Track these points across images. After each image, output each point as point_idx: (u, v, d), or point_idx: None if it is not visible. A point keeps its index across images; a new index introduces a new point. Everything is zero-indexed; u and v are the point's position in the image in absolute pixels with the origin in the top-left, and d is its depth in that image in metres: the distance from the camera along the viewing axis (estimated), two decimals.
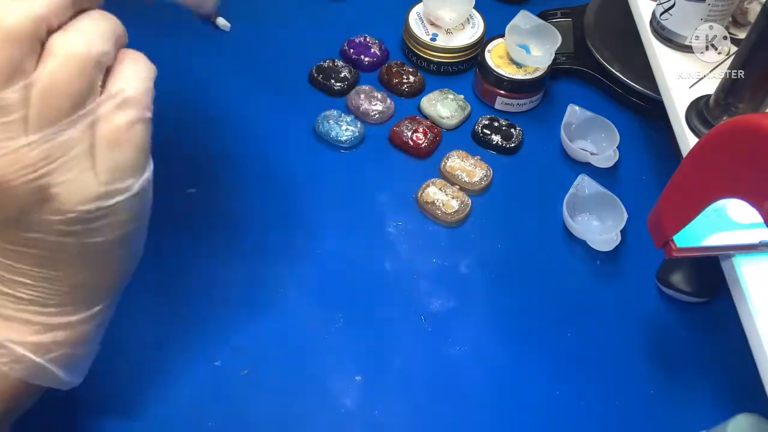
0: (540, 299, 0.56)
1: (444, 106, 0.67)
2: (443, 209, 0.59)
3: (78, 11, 0.34)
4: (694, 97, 0.52)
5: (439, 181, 0.61)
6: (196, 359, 0.51)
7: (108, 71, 0.35)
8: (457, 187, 0.61)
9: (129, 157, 0.35)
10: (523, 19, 0.68)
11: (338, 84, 0.68)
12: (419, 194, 0.61)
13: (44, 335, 0.37)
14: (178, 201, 0.59)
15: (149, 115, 0.37)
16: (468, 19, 0.72)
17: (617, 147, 0.64)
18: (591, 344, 0.54)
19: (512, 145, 0.65)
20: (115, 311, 0.41)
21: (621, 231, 0.58)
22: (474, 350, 0.53)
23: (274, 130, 0.66)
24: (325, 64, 0.70)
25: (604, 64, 0.69)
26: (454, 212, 0.59)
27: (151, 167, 0.37)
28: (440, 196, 0.60)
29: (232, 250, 0.57)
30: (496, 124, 0.66)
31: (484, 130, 0.66)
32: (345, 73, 0.69)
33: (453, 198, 0.60)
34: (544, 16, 0.75)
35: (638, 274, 0.58)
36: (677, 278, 0.55)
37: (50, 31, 0.32)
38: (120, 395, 0.49)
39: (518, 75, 0.66)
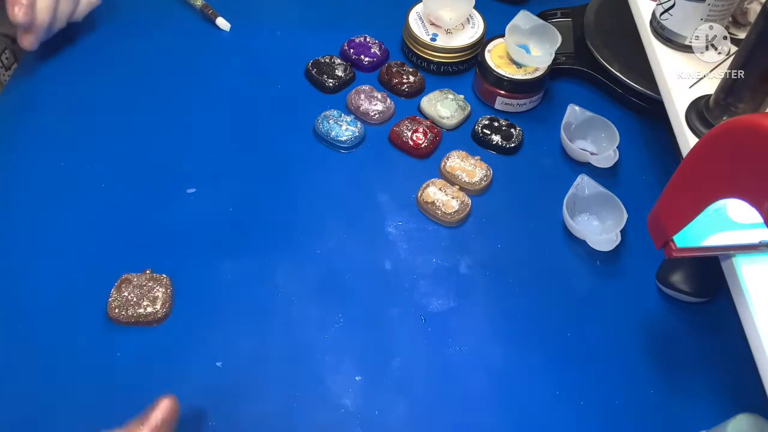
0: (540, 299, 0.56)
1: (444, 106, 0.67)
2: (443, 209, 0.59)
3: None
4: (694, 97, 0.52)
5: (439, 181, 0.61)
6: (197, 359, 0.51)
7: None
8: (457, 187, 0.61)
9: None
10: (523, 19, 0.68)
11: (330, 80, 0.68)
12: (419, 194, 0.61)
13: None
14: (178, 201, 0.59)
15: None
16: (468, 19, 0.72)
17: (617, 147, 0.64)
18: (591, 344, 0.54)
19: (512, 145, 0.65)
20: None
21: (621, 231, 0.58)
22: (474, 350, 0.53)
23: (274, 129, 0.66)
24: (323, 60, 0.70)
25: (604, 64, 0.69)
26: (454, 212, 0.59)
27: None
28: (440, 196, 0.60)
29: (232, 250, 0.57)
30: (496, 124, 0.66)
31: (484, 130, 0.66)
32: (340, 71, 0.69)
33: (453, 198, 0.60)
34: (544, 16, 0.75)
35: (638, 274, 0.58)
36: (677, 278, 0.55)
37: None
38: (122, 396, 0.49)
39: (518, 75, 0.66)
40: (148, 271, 0.54)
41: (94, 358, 0.50)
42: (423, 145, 0.64)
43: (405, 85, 0.69)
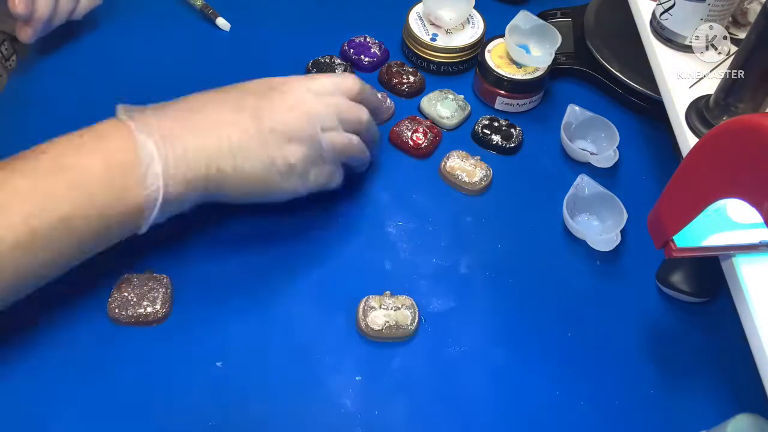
0: (540, 299, 0.56)
1: (444, 106, 0.67)
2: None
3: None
4: (694, 97, 0.52)
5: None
6: (197, 360, 0.51)
7: None
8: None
9: None
10: (523, 19, 0.68)
11: None
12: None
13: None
14: None
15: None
16: (468, 19, 0.72)
17: (617, 147, 0.64)
18: (591, 344, 0.54)
19: (512, 145, 0.65)
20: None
21: (621, 231, 0.58)
22: (474, 350, 0.53)
23: None
24: (323, 60, 0.70)
25: (604, 64, 0.69)
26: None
27: None
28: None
29: (232, 250, 0.57)
30: (496, 124, 0.66)
31: (484, 130, 0.66)
32: (340, 71, 0.69)
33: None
34: (544, 16, 0.75)
35: (638, 274, 0.58)
36: (677, 278, 0.55)
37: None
38: (123, 396, 0.49)
39: (518, 75, 0.66)
40: (148, 272, 0.54)
41: (94, 357, 0.50)
42: (423, 145, 0.64)
43: (405, 85, 0.69)
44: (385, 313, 0.52)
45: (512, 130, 0.66)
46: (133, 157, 0.44)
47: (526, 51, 0.67)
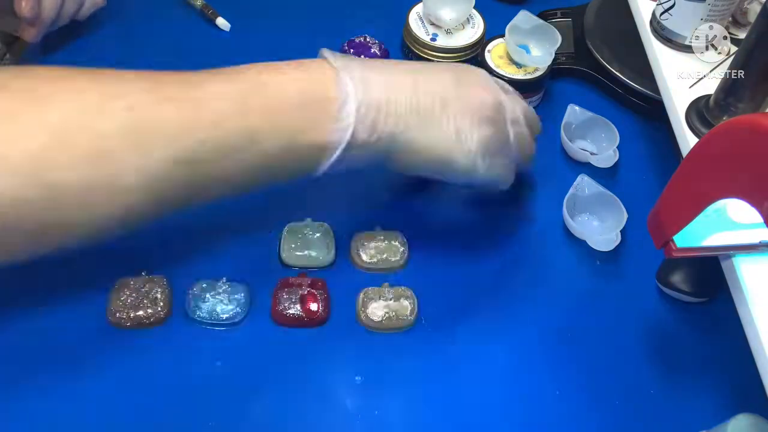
0: (540, 299, 0.56)
1: None
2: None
3: None
4: (694, 97, 0.52)
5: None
6: (196, 358, 0.51)
7: None
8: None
9: None
10: (523, 19, 0.68)
11: None
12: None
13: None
14: None
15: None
16: (468, 19, 0.72)
17: (617, 147, 0.64)
18: (591, 344, 0.54)
19: None
20: None
21: (621, 231, 0.58)
22: (474, 350, 0.53)
23: None
24: None
25: (604, 64, 0.69)
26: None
27: None
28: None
29: (231, 249, 0.57)
30: None
31: None
32: None
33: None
34: (544, 16, 0.75)
35: (638, 274, 0.58)
36: (677, 278, 0.55)
37: None
38: (121, 394, 0.49)
39: (518, 75, 0.66)
40: (143, 273, 0.54)
41: (94, 360, 0.50)
42: None
43: None
44: (384, 304, 0.52)
45: None
46: (330, 91, 0.45)
47: (526, 51, 0.67)
